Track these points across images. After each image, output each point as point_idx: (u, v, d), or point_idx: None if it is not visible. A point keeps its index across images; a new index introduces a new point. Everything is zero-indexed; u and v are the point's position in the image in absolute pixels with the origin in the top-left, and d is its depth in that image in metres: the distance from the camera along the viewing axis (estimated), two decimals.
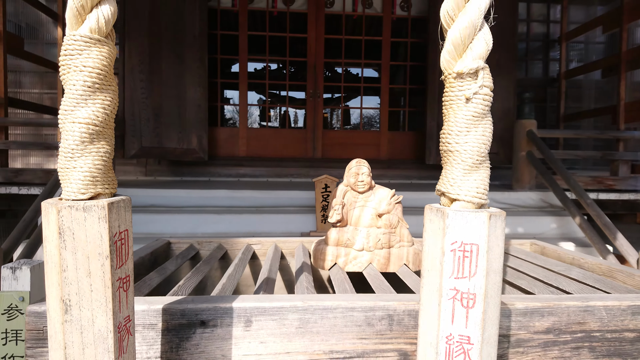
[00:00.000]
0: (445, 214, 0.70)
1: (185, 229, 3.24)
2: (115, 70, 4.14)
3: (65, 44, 0.67)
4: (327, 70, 7.37)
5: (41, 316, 0.91)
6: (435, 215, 0.73)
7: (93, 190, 0.67)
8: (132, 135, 4.28)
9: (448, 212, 0.70)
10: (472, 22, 0.69)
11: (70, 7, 0.67)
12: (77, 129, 0.66)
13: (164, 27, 4.32)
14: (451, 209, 0.71)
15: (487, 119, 0.71)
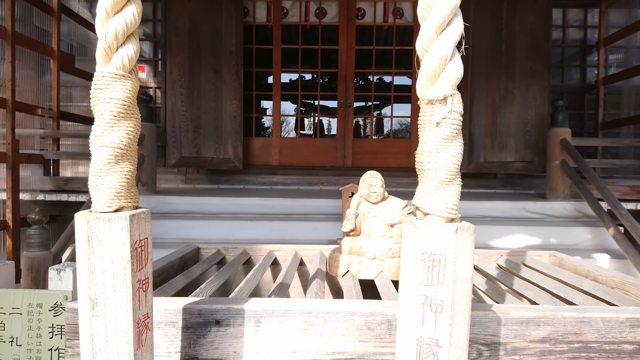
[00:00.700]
0: (417, 227, 0.77)
1: (219, 235, 3.39)
2: (157, 84, 4.42)
3: (95, 79, 0.79)
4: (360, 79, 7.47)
5: (77, 312, 1.04)
6: (410, 228, 0.79)
7: (117, 204, 0.79)
8: (172, 146, 4.52)
9: (419, 224, 0.77)
10: (442, 55, 0.76)
11: (99, 48, 0.80)
12: (105, 152, 0.78)
13: (203, 43, 4.55)
14: (422, 222, 0.77)
15: (456, 141, 0.77)
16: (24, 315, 1.74)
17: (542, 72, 4.36)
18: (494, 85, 4.49)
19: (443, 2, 0.76)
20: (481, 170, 4.59)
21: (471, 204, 3.72)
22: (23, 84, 3.76)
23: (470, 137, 4.55)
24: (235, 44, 4.59)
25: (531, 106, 4.41)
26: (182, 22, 4.50)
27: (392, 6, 4.98)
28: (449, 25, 0.77)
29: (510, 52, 4.44)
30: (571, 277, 1.47)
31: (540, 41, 4.37)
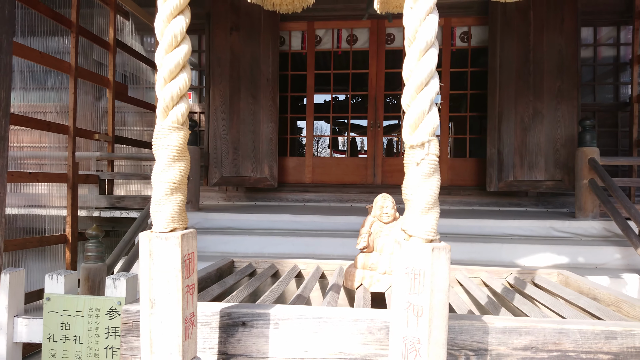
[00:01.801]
0: (402, 246, 0.96)
1: (254, 249, 3.63)
2: (202, 109, 4.80)
3: (156, 130, 1.05)
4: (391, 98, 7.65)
5: (132, 313, 1.28)
6: (397, 246, 0.98)
7: (172, 226, 1.03)
8: (214, 166, 4.86)
9: (404, 244, 0.96)
10: (421, 110, 0.96)
11: (160, 106, 1.05)
12: (163, 187, 1.02)
13: (242, 72, 4.90)
14: (406, 242, 0.96)
15: (433, 178, 0.96)
16: (85, 318, 2.03)
17: (571, 91, 4.40)
18: (522, 105, 4.56)
19: (421, 68, 0.96)
20: (511, 188, 4.64)
21: (499, 223, 3.79)
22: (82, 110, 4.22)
23: (499, 156, 4.63)
24: (272, 72, 4.91)
25: (560, 125, 4.44)
26: (224, 54, 4.87)
27: None
28: (427, 86, 0.97)
29: (539, 73, 4.52)
30: (571, 295, 1.59)
31: (569, 61, 4.42)
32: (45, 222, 3.72)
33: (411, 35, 0.98)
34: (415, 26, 0.97)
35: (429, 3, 0.96)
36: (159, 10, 1.06)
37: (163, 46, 1.05)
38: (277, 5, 1.76)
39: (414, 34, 0.97)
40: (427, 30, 0.96)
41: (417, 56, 0.97)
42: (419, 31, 0.97)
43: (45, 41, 4.15)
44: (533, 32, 4.53)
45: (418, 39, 0.97)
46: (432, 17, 0.97)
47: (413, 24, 0.97)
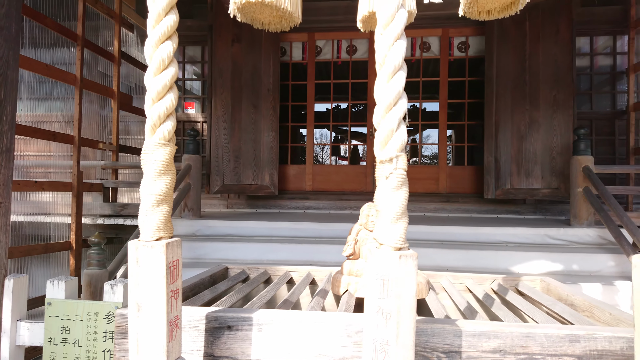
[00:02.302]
0: (373, 254, 1.03)
1: (253, 256, 3.70)
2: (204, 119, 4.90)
3: (144, 146, 1.13)
4: None
5: (124, 317, 1.36)
6: (369, 254, 1.05)
7: (158, 235, 1.11)
8: (215, 174, 4.96)
9: (374, 252, 1.03)
10: (390, 128, 1.03)
11: (148, 124, 1.14)
12: (150, 198, 1.11)
13: (244, 82, 5.01)
14: (376, 250, 1.04)
15: (401, 190, 1.03)
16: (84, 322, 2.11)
17: (566, 101, 4.45)
18: (518, 113, 4.62)
19: (390, 89, 1.04)
20: (508, 196, 4.69)
21: (494, 230, 3.84)
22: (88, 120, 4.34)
23: (496, 164, 4.68)
24: (273, 82, 5.01)
25: (556, 134, 4.49)
26: (225, 64, 4.98)
27: (419, 41, 5.25)
28: (395, 106, 1.05)
29: (534, 82, 4.57)
30: (548, 301, 1.65)
31: (564, 71, 4.48)
32: (51, 230, 3.83)
33: (381, 60, 1.06)
34: (384, 52, 1.05)
35: (397, 30, 1.04)
36: (148, 36, 1.15)
37: (152, 69, 1.14)
38: (265, 24, 1.85)
39: (384, 58, 1.05)
40: (395, 56, 1.04)
41: (386, 79, 1.05)
42: (387, 56, 1.05)
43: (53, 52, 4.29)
44: (529, 43, 4.60)
45: (387, 63, 1.04)
46: (400, 43, 1.05)
47: (382, 50, 1.05)
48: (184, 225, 3.94)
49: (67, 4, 4.05)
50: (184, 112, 5.54)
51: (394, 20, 1.03)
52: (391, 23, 1.03)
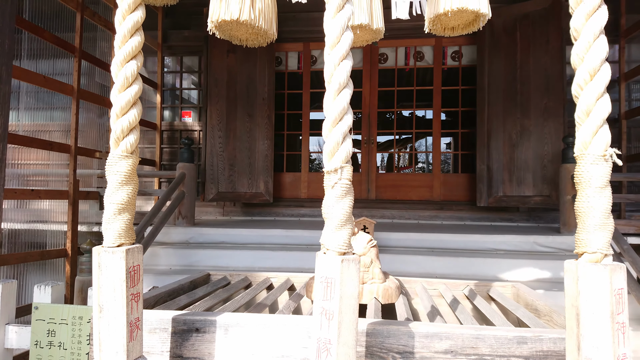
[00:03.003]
0: (318, 258, 1.09)
1: (245, 263, 3.76)
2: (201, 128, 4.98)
3: (108, 158, 1.20)
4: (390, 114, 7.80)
5: None
6: (316, 258, 1.11)
7: (118, 242, 1.17)
8: (210, 182, 5.04)
9: (319, 257, 1.09)
10: (336, 141, 1.09)
11: (112, 137, 1.21)
12: (112, 207, 1.17)
13: (239, 92, 5.10)
14: (321, 255, 1.09)
15: (346, 199, 1.09)
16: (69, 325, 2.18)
17: (557, 109, 4.49)
18: (510, 122, 4.66)
19: (336, 106, 1.10)
20: (500, 204, 4.71)
21: (484, 238, 3.87)
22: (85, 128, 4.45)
23: (488, 172, 4.71)
24: (268, 91, 5.10)
25: (547, 142, 4.52)
26: (221, 74, 5.08)
27: (413, 50, 5.32)
28: (341, 121, 1.11)
29: (525, 91, 4.62)
30: (512, 305, 1.69)
31: (554, 80, 4.52)
32: (47, 237, 3.92)
33: (328, 78, 1.12)
34: (331, 70, 1.11)
35: (342, 51, 1.11)
36: (115, 55, 1.23)
37: (117, 86, 1.21)
38: (243, 40, 1.92)
39: (330, 77, 1.12)
40: (340, 75, 1.10)
41: (333, 96, 1.12)
42: (334, 75, 1.11)
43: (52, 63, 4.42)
44: (519, 52, 4.65)
45: (333, 82, 1.11)
46: (345, 63, 1.11)
47: (329, 69, 1.12)
48: (177, 233, 4.01)
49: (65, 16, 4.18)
50: (181, 121, 5.64)
51: (340, 41, 1.09)
52: (337, 44, 1.09)
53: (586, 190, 1.07)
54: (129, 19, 1.21)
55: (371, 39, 1.91)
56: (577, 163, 1.09)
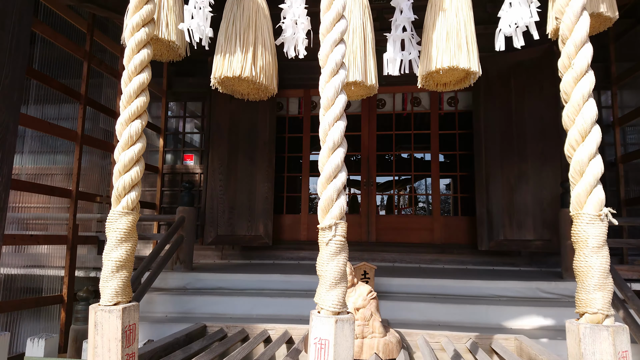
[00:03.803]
0: (312, 318, 1.08)
1: (243, 310, 3.69)
2: (202, 170, 5.02)
3: (109, 215, 1.21)
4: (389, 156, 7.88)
5: None
6: (310, 317, 1.10)
7: (115, 300, 1.17)
8: (210, 225, 5.03)
9: (313, 317, 1.08)
10: (330, 197, 1.11)
11: (113, 194, 1.23)
12: (110, 264, 1.17)
13: (240, 136, 5.19)
14: (315, 314, 1.08)
15: (340, 256, 1.10)
16: None
17: (554, 154, 4.55)
18: (508, 166, 4.71)
19: (330, 163, 1.13)
20: (501, 248, 4.68)
21: (486, 284, 3.81)
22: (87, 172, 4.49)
23: (488, 215, 4.71)
24: (269, 135, 5.19)
25: (545, 186, 4.55)
26: (223, 119, 5.19)
27: (410, 96, 5.46)
28: (335, 178, 1.13)
29: (522, 136, 4.70)
30: (512, 358, 1.65)
31: (550, 125, 4.61)
32: (43, 282, 3.87)
33: (323, 137, 1.15)
34: (325, 130, 1.15)
35: (336, 112, 1.15)
36: (120, 114, 1.27)
37: (121, 144, 1.24)
38: (244, 95, 1.99)
39: (325, 136, 1.15)
40: (334, 134, 1.14)
41: (327, 154, 1.14)
42: (328, 134, 1.14)
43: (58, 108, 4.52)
44: (514, 98, 4.77)
45: (327, 141, 1.14)
46: (339, 124, 1.15)
47: (324, 128, 1.15)
48: (175, 279, 3.96)
49: (73, 63, 4.31)
50: (182, 164, 5.70)
51: (334, 103, 1.14)
52: (332, 106, 1.13)
53: (583, 250, 1.07)
54: (135, 80, 1.26)
55: (365, 94, 1.97)
56: (574, 222, 1.10)
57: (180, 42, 1.91)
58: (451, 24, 1.72)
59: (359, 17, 1.84)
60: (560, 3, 1.17)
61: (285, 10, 1.84)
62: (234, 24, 1.78)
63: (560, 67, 1.17)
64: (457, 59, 1.69)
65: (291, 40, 1.86)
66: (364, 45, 1.87)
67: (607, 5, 1.62)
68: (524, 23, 1.74)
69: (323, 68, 1.18)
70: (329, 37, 1.18)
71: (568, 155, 1.14)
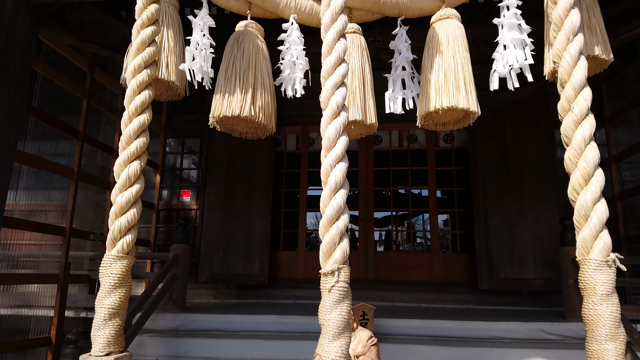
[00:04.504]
0: None
1: (237, 354, 3.55)
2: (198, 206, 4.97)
3: (103, 260, 1.17)
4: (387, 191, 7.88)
5: None
6: None
7: (107, 350, 1.11)
8: (204, 263, 4.93)
9: None
10: (333, 241, 1.08)
11: (109, 237, 1.19)
12: (103, 311, 1.12)
13: (238, 172, 5.19)
14: None
15: (343, 303, 1.05)
16: None
17: (551, 190, 4.55)
18: (506, 202, 4.70)
19: (333, 205, 1.10)
20: (503, 287, 4.60)
21: (488, 325, 3.71)
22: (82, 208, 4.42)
23: (488, 253, 4.66)
24: (267, 171, 5.19)
25: (544, 223, 4.53)
26: (221, 155, 5.20)
27: (406, 133, 5.51)
28: (337, 220, 1.10)
29: (518, 172, 4.71)
30: None
31: (546, 162, 4.64)
32: (31, 323, 3.74)
33: (324, 179, 1.14)
34: (327, 171, 1.13)
35: (337, 154, 1.14)
36: (119, 155, 1.25)
37: (118, 185, 1.22)
38: (243, 134, 1.99)
39: (326, 177, 1.13)
40: (336, 175, 1.12)
41: (329, 195, 1.12)
42: (330, 175, 1.13)
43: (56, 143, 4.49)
44: (509, 135, 4.82)
45: (329, 182, 1.12)
46: (341, 165, 1.14)
47: (326, 169, 1.14)
48: (167, 320, 3.84)
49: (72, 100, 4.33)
50: (179, 200, 5.65)
51: (336, 145, 1.13)
52: (333, 148, 1.12)
53: (592, 297, 1.04)
54: (135, 121, 1.25)
55: (365, 132, 1.98)
56: (581, 268, 1.08)
57: (180, 82, 1.92)
58: (449, 65, 1.74)
59: (357, 59, 1.87)
60: (558, 47, 1.19)
61: (284, 51, 1.87)
62: (234, 64, 1.80)
63: (560, 110, 1.17)
64: (456, 99, 1.70)
65: (289, 80, 1.88)
66: (363, 85, 1.89)
67: (602, 48, 1.66)
68: (519, 65, 1.77)
69: (324, 110, 1.17)
70: (330, 80, 1.18)
71: (572, 199, 1.12)
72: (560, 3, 1.18)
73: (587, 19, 1.62)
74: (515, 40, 1.74)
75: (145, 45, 1.26)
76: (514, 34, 1.74)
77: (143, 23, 1.27)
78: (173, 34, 1.87)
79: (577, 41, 1.16)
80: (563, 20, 1.17)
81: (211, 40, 1.91)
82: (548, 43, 1.72)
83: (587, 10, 1.62)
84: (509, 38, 1.75)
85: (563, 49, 1.18)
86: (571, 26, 1.16)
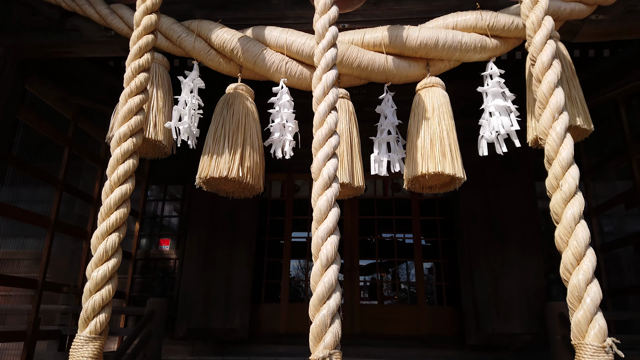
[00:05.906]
0: None
1: None
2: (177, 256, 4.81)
3: (74, 340, 1.09)
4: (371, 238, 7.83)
5: None
6: None
7: None
8: (182, 318, 4.72)
9: None
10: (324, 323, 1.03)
11: (81, 317, 1.11)
12: None
13: (221, 219, 5.09)
14: None
15: None
16: None
17: (534, 242, 4.58)
18: (491, 254, 4.69)
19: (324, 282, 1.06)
20: (490, 342, 4.50)
21: None
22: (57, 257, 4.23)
23: (474, 306, 4.59)
24: (250, 219, 5.11)
25: (529, 276, 4.52)
26: (204, 203, 5.12)
27: (391, 182, 5.55)
28: (329, 299, 1.06)
29: (501, 224, 4.74)
30: None
31: (528, 213, 4.69)
32: None
33: (315, 253, 1.10)
34: (318, 244, 1.10)
35: (329, 226, 1.10)
36: (97, 228, 1.19)
37: (94, 260, 1.16)
38: (230, 193, 1.96)
39: (317, 252, 1.09)
40: (328, 249, 1.08)
41: (320, 272, 1.08)
42: (321, 250, 1.09)
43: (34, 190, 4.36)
44: (491, 188, 4.88)
45: (321, 257, 1.08)
46: (333, 238, 1.10)
47: (316, 242, 1.10)
48: None
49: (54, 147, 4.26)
50: (157, 249, 5.49)
51: (327, 217, 1.10)
52: (324, 220, 1.10)
53: None
54: (117, 191, 1.21)
55: (352, 194, 1.97)
56: (576, 354, 1.04)
57: (167, 141, 1.90)
58: (434, 131, 1.77)
59: (345, 123, 1.88)
60: (544, 125, 1.21)
61: (274, 114, 1.88)
62: (224, 126, 1.80)
63: (549, 187, 1.17)
64: (442, 165, 1.71)
65: (279, 143, 1.87)
66: (351, 149, 1.90)
67: (583, 119, 1.70)
68: (505, 131, 1.80)
69: (315, 181, 1.15)
70: (322, 151, 1.17)
71: (564, 279, 1.11)
72: (544, 82, 1.21)
73: (568, 90, 1.67)
74: (500, 107, 1.78)
75: (132, 114, 1.24)
76: (498, 101, 1.79)
77: (131, 92, 1.25)
78: (162, 94, 1.86)
79: (562, 119, 1.18)
80: (548, 98, 1.20)
81: (200, 101, 1.91)
82: (530, 112, 1.77)
83: (567, 82, 1.68)
84: (493, 105, 1.79)
85: (549, 127, 1.20)
86: (556, 104, 1.19)
